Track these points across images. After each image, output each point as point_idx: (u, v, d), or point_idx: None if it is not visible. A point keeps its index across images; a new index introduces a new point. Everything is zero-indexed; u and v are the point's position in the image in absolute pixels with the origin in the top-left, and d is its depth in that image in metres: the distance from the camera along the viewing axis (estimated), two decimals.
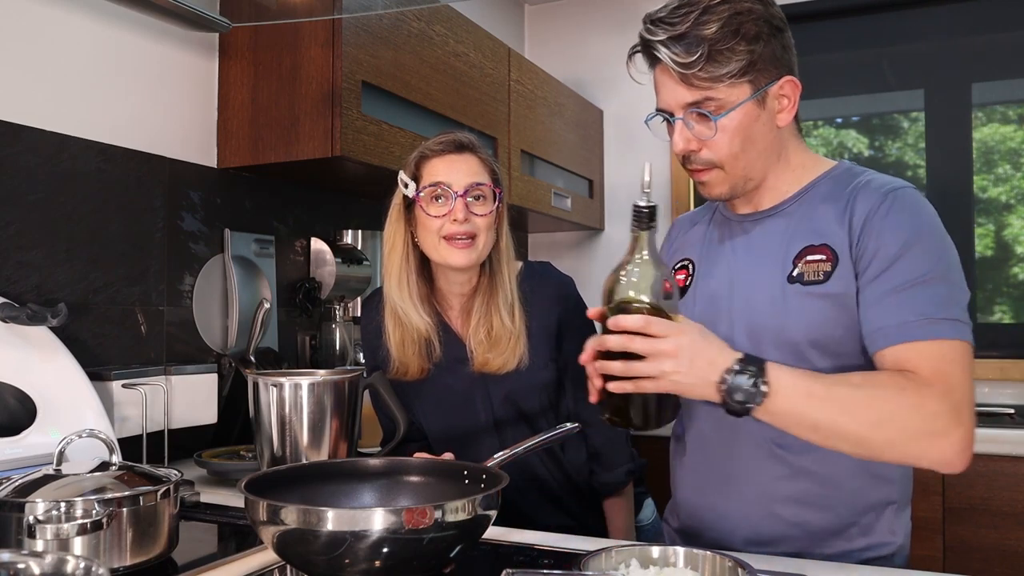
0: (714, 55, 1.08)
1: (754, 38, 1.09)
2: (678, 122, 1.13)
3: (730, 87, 1.10)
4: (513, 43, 3.14)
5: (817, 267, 1.13)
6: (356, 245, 2.32)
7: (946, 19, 2.88)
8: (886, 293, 1.06)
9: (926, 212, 1.11)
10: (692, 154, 1.15)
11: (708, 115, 1.10)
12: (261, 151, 1.91)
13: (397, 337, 1.48)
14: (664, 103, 1.15)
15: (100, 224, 1.68)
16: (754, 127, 1.13)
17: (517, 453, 1.14)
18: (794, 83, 1.16)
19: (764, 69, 1.11)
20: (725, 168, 1.15)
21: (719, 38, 1.07)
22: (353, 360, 2.26)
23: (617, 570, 0.90)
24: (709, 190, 1.19)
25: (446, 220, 1.41)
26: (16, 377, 1.37)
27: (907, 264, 1.06)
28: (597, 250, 3.30)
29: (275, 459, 1.31)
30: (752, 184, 1.18)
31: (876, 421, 0.99)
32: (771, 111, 1.14)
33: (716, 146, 1.13)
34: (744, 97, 1.10)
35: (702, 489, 1.25)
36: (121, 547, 0.98)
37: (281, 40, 1.88)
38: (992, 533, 2.14)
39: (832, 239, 1.13)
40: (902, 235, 1.07)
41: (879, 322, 1.06)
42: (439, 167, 1.44)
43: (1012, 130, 2.84)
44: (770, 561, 1.07)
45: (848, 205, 1.13)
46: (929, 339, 1.03)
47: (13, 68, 1.53)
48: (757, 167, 1.16)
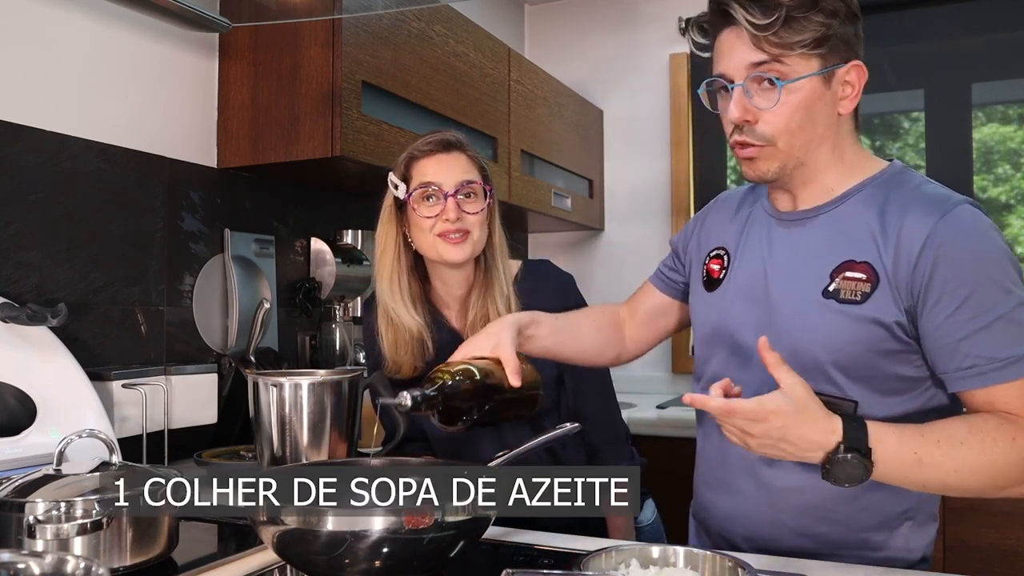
0: (791, 21, 1.03)
1: (832, 13, 1.04)
2: (737, 89, 1.07)
3: (801, 57, 1.04)
4: (513, 43, 3.14)
5: (856, 286, 1.07)
6: (356, 245, 2.32)
7: (946, 19, 2.88)
8: (971, 330, 1.01)
9: (990, 232, 1.05)
10: (746, 125, 1.08)
11: (775, 80, 1.05)
12: (261, 151, 1.91)
13: (390, 337, 1.49)
14: (726, 67, 1.08)
15: (100, 224, 1.68)
16: (816, 106, 1.07)
17: (518, 453, 1.14)
18: (862, 70, 1.09)
19: (836, 48, 1.06)
20: (779, 144, 1.08)
21: (798, 5, 1.03)
22: (353, 360, 2.26)
23: (617, 570, 0.90)
24: (755, 167, 1.11)
25: (438, 220, 1.42)
26: (16, 377, 1.37)
27: (986, 297, 1.01)
28: (597, 250, 3.30)
29: (275, 459, 1.31)
30: (801, 171, 1.11)
31: (989, 477, 0.99)
32: (835, 94, 1.08)
33: (775, 118, 1.07)
34: (813, 71, 1.05)
35: (711, 485, 1.24)
36: (121, 547, 0.98)
37: (281, 40, 1.88)
38: (992, 533, 2.14)
39: (874, 256, 1.07)
40: (973, 263, 1.02)
41: (968, 360, 1.01)
42: (428, 167, 1.44)
43: (1012, 130, 2.84)
44: (770, 561, 1.07)
45: (898, 220, 1.06)
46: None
47: (13, 68, 1.53)
48: (810, 151, 1.10)
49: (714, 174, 3.12)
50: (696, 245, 1.32)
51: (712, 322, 1.23)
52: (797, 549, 1.14)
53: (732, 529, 1.20)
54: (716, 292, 1.24)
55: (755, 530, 1.18)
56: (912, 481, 1.00)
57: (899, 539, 1.13)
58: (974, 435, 0.99)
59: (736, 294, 1.20)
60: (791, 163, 1.10)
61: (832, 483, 0.97)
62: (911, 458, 0.98)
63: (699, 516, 1.29)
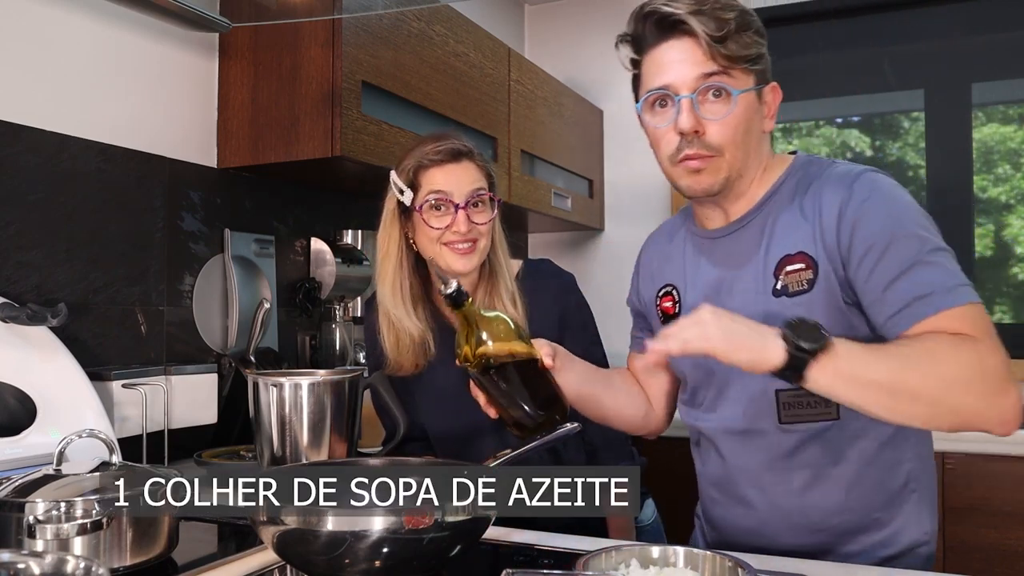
0: (737, 35, 1.08)
1: (761, 34, 1.12)
2: (686, 100, 1.09)
3: (743, 72, 1.10)
4: (513, 43, 3.14)
5: (799, 276, 1.11)
6: (356, 245, 2.32)
7: (946, 19, 2.88)
8: (894, 278, 1.04)
9: (896, 189, 1.11)
10: (695, 137, 1.10)
11: (729, 90, 1.08)
12: (261, 151, 1.91)
13: (392, 339, 1.49)
14: (674, 78, 1.10)
15: (100, 224, 1.68)
16: (753, 120, 1.12)
17: (518, 453, 1.14)
18: (778, 91, 1.16)
19: (765, 67, 1.13)
20: (726, 155, 1.11)
21: (739, 24, 1.08)
22: (353, 360, 2.26)
23: (617, 570, 0.90)
24: (702, 180, 1.13)
25: (447, 230, 1.41)
26: (16, 377, 1.37)
27: (904, 244, 1.05)
28: (597, 250, 3.30)
29: (275, 459, 1.31)
30: (738, 183, 1.15)
31: (941, 376, 0.97)
32: (762, 110, 1.14)
33: (723, 128, 1.09)
34: (751, 85, 1.11)
35: (720, 502, 1.25)
36: (121, 547, 0.98)
37: (281, 40, 1.88)
38: (992, 533, 2.14)
39: (805, 243, 1.12)
40: (886, 218, 1.07)
41: (898, 303, 1.04)
42: (438, 177, 1.43)
43: (1012, 130, 2.84)
44: (770, 561, 1.07)
45: (815, 203, 1.12)
46: (955, 305, 1.01)
47: (13, 68, 1.53)
48: (747, 164, 1.14)
49: None
50: (645, 294, 1.35)
51: (682, 361, 1.25)
52: (815, 546, 1.15)
53: (748, 541, 1.20)
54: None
55: (772, 537, 1.18)
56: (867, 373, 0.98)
57: (909, 513, 1.15)
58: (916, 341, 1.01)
59: None
60: (734, 175, 1.14)
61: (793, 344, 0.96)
62: (861, 346, 0.99)
63: (710, 525, 1.29)
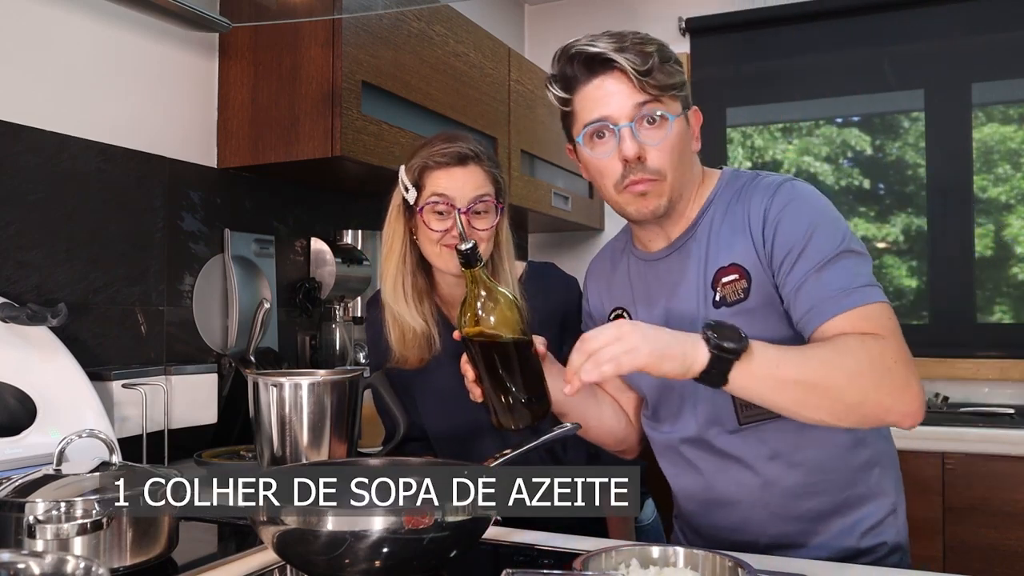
0: (662, 67, 1.14)
1: (679, 63, 1.19)
2: (625, 128, 1.14)
3: (671, 99, 1.16)
4: (513, 43, 3.14)
5: (735, 286, 1.16)
6: (356, 245, 2.32)
7: (946, 19, 2.88)
8: (806, 276, 1.10)
9: (815, 196, 1.17)
10: (637, 163, 1.15)
11: (666, 115, 1.14)
12: (261, 151, 1.91)
13: (396, 334, 1.49)
14: (611, 110, 1.15)
15: (100, 224, 1.68)
16: (685, 142, 1.18)
17: (518, 453, 1.14)
18: (699, 114, 1.22)
19: (687, 94, 1.19)
20: (668, 177, 1.16)
21: (660, 57, 1.15)
22: (353, 360, 2.26)
23: (617, 570, 0.90)
24: (647, 203, 1.17)
25: (447, 234, 1.41)
26: (16, 377, 1.37)
27: (815, 246, 1.10)
28: (597, 250, 3.29)
29: (275, 459, 1.31)
30: (679, 204, 1.21)
31: (849, 373, 1.02)
32: (690, 133, 1.20)
33: (663, 151, 1.15)
34: (679, 111, 1.17)
35: (701, 512, 1.28)
36: (121, 547, 0.98)
37: (281, 40, 1.88)
38: (992, 533, 2.14)
39: (738, 255, 1.16)
40: (803, 222, 1.12)
41: (808, 303, 1.10)
42: (442, 180, 1.42)
43: (1012, 130, 2.84)
44: (770, 561, 1.07)
45: (743, 214, 1.18)
46: (859, 305, 1.07)
47: (13, 68, 1.53)
48: (685, 185, 1.20)
49: None
50: (595, 313, 1.37)
51: (640, 378, 1.28)
52: (795, 533, 1.19)
53: (732, 539, 1.23)
54: None
55: (754, 532, 1.22)
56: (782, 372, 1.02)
57: (873, 483, 1.21)
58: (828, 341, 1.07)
59: None
60: (675, 196, 1.19)
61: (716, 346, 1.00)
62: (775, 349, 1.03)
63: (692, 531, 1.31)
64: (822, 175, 3.09)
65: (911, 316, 2.95)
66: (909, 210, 2.96)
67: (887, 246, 2.99)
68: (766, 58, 3.13)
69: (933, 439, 2.20)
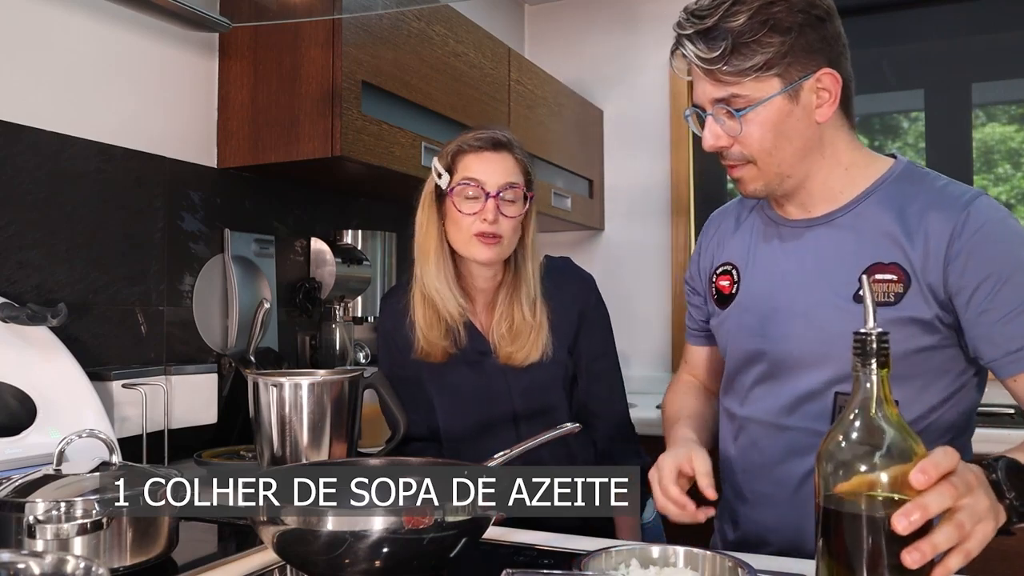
0: (739, 48, 1.05)
1: (786, 29, 1.05)
2: (708, 118, 1.11)
3: (757, 81, 1.06)
4: (513, 43, 3.14)
5: (887, 288, 1.08)
6: (356, 245, 2.32)
7: (946, 19, 2.88)
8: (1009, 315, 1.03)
9: (1009, 220, 1.08)
10: (724, 150, 1.12)
11: (732, 112, 1.08)
12: (261, 151, 1.91)
13: (428, 319, 1.47)
14: (696, 98, 1.13)
15: (100, 224, 1.68)
16: (787, 123, 1.09)
17: (516, 453, 1.14)
18: (834, 76, 1.09)
19: (796, 62, 1.07)
20: (758, 164, 1.11)
21: (746, 30, 1.04)
22: (353, 360, 2.26)
23: (617, 570, 0.90)
24: (744, 187, 1.15)
25: (476, 218, 1.41)
26: (16, 377, 1.37)
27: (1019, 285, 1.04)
28: (597, 250, 3.30)
29: (275, 459, 1.31)
30: (791, 182, 1.14)
31: None
32: (807, 106, 1.09)
33: (746, 141, 1.10)
34: (772, 92, 1.07)
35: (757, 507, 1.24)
36: (121, 547, 0.98)
37: (281, 40, 1.88)
38: None
39: (902, 258, 1.09)
40: (1004, 251, 1.05)
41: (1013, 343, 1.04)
42: (474, 164, 1.43)
43: (1012, 130, 2.84)
44: (770, 561, 1.07)
45: (921, 220, 1.08)
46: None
47: (13, 68, 1.53)
48: (794, 164, 1.12)
49: (714, 174, 3.12)
50: (702, 269, 1.33)
51: (732, 336, 1.24)
52: None
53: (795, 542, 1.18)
54: (731, 307, 1.24)
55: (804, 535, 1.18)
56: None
57: None
58: None
59: (753, 306, 1.21)
60: (775, 179, 1.13)
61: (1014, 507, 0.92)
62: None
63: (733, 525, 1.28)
64: None
65: None
66: None
67: None
68: None
69: None
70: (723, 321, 1.26)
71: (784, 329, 1.16)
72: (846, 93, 1.12)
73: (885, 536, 0.72)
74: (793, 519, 1.17)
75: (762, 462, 1.21)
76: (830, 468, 0.75)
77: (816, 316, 1.13)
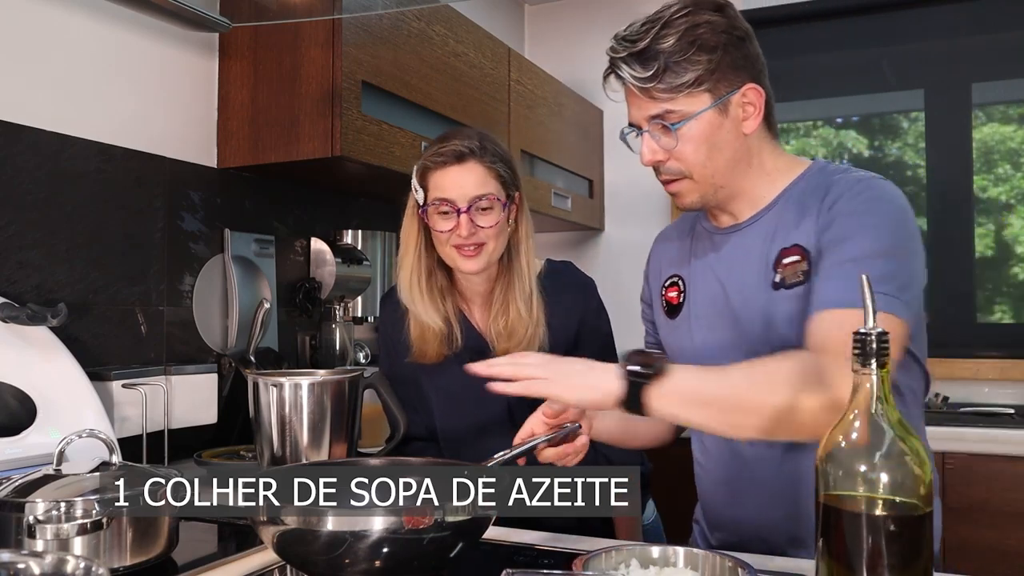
0: (671, 67, 1.12)
1: (712, 48, 1.12)
2: (645, 134, 1.17)
3: (689, 97, 1.13)
4: (513, 43, 3.14)
5: (795, 268, 1.14)
6: (356, 245, 2.32)
7: (946, 19, 2.88)
8: (831, 267, 1.07)
9: (889, 198, 1.11)
10: (660, 165, 1.18)
11: (668, 126, 1.14)
12: (261, 151, 1.91)
13: (416, 330, 1.49)
14: (632, 117, 1.19)
15: (100, 224, 1.68)
16: (718, 135, 1.15)
17: (516, 453, 1.14)
18: (757, 91, 1.17)
19: (723, 78, 1.14)
20: (694, 177, 1.17)
21: (675, 50, 1.11)
22: (353, 360, 2.26)
23: (617, 570, 0.90)
24: (680, 200, 1.21)
25: (452, 234, 1.41)
26: (16, 377, 1.37)
27: (856, 242, 1.07)
28: (597, 250, 3.30)
29: (275, 459, 1.31)
30: (724, 192, 1.19)
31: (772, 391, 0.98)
32: (735, 119, 1.16)
33: (681, 156, 1.15)
34: (704, 106, 1.13)
35: (725, 504, 1.27)
36: (121, 547, 0.98)
37: (281, 40, 1.88)
38: (992, 533, 2.14)
39: (802, 239, 1.14)
40: (858, 216, 1.09)
41: (816, 295, 1.07)
42: (441, 181, 1.42)
43: (1012, 130, 2.84)
44: (770, 561, 1.07)
45: (817, 200, 1.15)
46: (844, 307, 1.00)
47: (13, 68, 1.53)
48: (726, 175, 1.18)
49: None
50: (653, 285, 1.39)
51: (681, 346, 1.28)
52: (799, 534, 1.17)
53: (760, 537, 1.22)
54: (679, 316, 1.29)
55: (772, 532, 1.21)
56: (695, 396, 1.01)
57: None
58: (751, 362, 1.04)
59: (697, 309, 1.26)
60: (710, 190, 1.18)
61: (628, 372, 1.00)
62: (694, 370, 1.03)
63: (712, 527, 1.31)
64: None
65: None
66: None
67: None
68: (766, 58, 3.12)
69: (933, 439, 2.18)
70: (673, 331, 1.31)
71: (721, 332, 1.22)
72: (768, 107, 1.19)
73: (885, 536, 0.72)
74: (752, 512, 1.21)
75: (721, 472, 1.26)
76: (830, 468, 0.75)
77: (746, 311, 1.18)
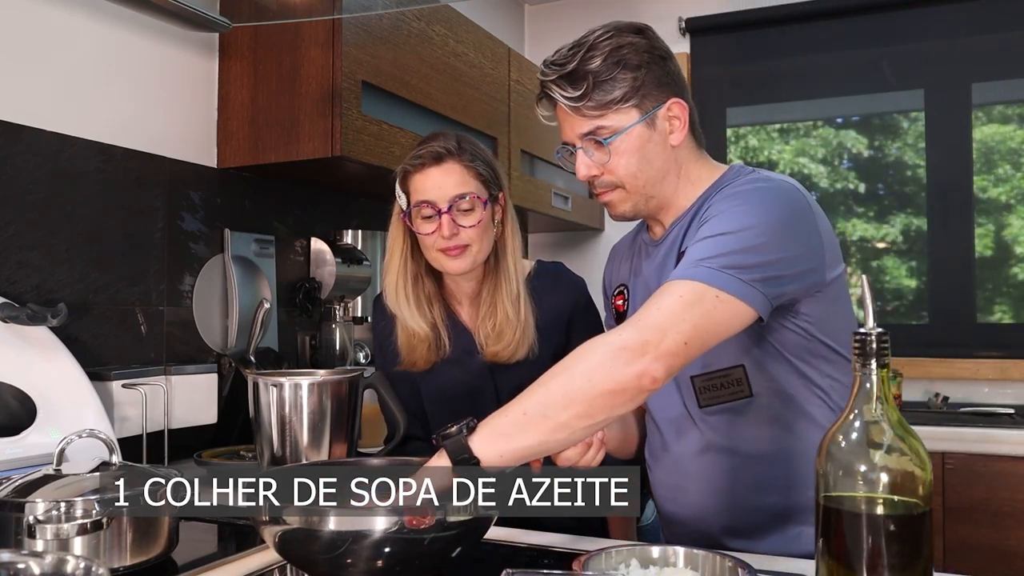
0: (599, 85, 1.17)
1: (636, 67, 1.18)
2: (579, 151, 1.22)
3: (618, 113, 1.18)
4: (513, 43, 3.14)
5: None
6: (356, 245, 2.32)
7: (946, 19, 2.88)
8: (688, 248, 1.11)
9: (774, 191, 1.14)
10: (595, 179, 1.23)
11: (601, 141, 1.19)
12: (261, 151, 1.91)
13: (403, 338, 1.50)
14: (565, 136, 1.24)
15: (100, 224, 1.68)
16: (647, 148, 1.20)
17: None
18: (682, 105, 1.22)
19: (649, 94, 1.19)
20: (626, 187, 1.22)
21: (602, 70, 1.17)
22: (353, 360, 2.26)
23: (617, 570, 0.90)
24: (613, 210, 1.26)
25: (436, 236, 1.42)
26: (16, 377, 1.37)
27: (712, 223, 1.11)
28: (597, 250, 3.30)
29: (275, 459, 1.31)
30: (654, 202, 1.24)
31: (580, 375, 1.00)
32: (663, 132, 1.21)
33: (614, 168, 1.20)
34: (632, 121, 1.19)
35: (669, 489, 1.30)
36: (121, 547, 0.98)
37: (281, 40, 1.88)
38: (992, 533, 2.14)
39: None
40: (728, 202, 1.13)
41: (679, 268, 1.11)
42: (421, 183, 1.43)
43: (1012, 130, 2.84)
44: (770, 561, 1.07)
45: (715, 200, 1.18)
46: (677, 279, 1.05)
47: (13, 68, 1.53)
48: (656, 185, 1.23)
49: None
50: (607, 294, 1.44)
51: None
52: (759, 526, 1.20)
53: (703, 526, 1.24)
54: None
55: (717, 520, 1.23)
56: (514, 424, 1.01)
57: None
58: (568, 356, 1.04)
59: None
60: (641, 200, 1.24)
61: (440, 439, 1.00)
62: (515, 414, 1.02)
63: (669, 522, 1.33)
64: (816, 177, 3.09)
65: (911, 316, 2.95)
66: (909, 210, 2.96)
67: (886, 246, 2.99)
68: (766, 58, 3.13)
69: (933, 439, 2.20)
70: None
71: None
72: (692, 120, 1.25)
73: (885, 536, 0.72)
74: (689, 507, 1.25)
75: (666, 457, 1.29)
76: (830, 468, 0.75)
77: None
